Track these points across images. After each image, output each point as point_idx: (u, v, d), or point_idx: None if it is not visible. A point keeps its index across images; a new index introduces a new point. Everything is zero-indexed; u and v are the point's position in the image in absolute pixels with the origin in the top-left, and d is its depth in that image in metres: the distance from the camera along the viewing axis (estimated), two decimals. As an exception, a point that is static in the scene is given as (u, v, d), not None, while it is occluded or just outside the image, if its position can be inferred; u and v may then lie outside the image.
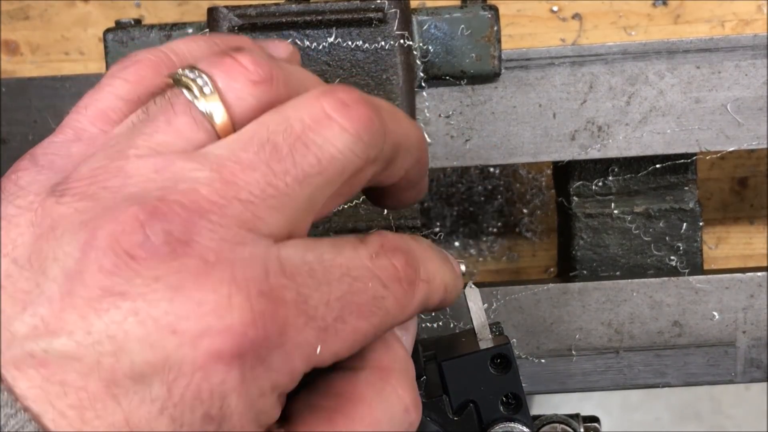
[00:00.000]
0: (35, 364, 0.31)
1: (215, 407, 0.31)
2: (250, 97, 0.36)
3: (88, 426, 0.30)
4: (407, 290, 0.38)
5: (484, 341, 0.46)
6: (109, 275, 0.31)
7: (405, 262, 0.38)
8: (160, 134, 0.36)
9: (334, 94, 0.36)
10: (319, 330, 0.34)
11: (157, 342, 0.31)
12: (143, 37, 0.57)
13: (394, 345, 0.41)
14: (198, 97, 0.36)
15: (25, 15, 0.76)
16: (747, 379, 0.60)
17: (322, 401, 0.38)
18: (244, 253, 0.33)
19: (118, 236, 0.32)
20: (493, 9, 0.57)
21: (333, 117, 0.36)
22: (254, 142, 0.35)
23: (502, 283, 0.61)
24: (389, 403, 0.38)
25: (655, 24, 0.73)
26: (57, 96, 0.62)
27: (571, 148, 0.59)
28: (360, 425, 0.37)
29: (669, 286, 0.60)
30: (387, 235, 0.39)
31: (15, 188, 0.36)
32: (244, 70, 0.37)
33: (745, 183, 0.74)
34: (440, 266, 0.42)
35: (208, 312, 0.31)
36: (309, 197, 0.35)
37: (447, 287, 0.42)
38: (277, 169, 0.34)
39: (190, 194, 0.33)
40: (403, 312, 0.38)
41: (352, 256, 0.36)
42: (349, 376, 0.39)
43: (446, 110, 0.59)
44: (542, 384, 0.60)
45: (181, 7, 0.75)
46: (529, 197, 0.75)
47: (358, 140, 0.36)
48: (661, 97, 0.58)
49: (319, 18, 0.53)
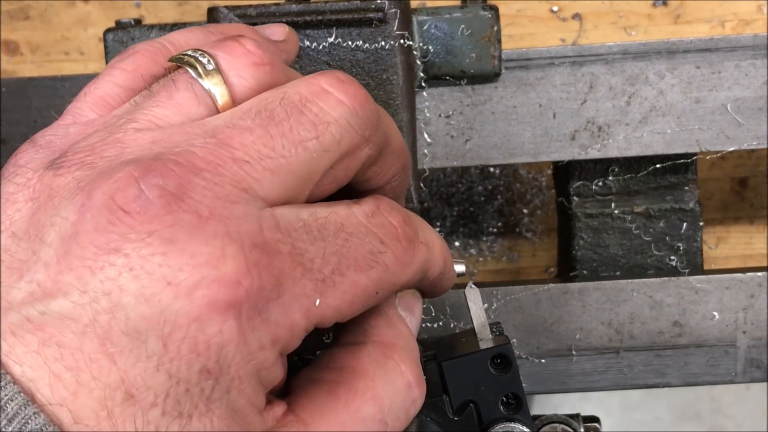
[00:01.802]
0: (32, 328, 0.31)
1: (212, 360, 0.31)
2: (251, 78, 0.37)
3: (84, 387, 0.30)
4: (407, 248, 0.38)
5: (484, 341, 0.46)
6: (104, 232, 0.31)
7: (402, 220, 0.38)
8: (160, 108, 0.36)
9: (331, 73, 0.37)
10: (317, 282, 0.34)
11: (152, 295, 0.31)
12: (143, 37, 0.57)
13: (398, 322, 0.41)
14: (201, 75, 0.37)
15: (25, 15, 0.76)
16: (747, 379, 0.60)
17: (325, 375, 0.38)
18: (237, 210, 0.33)
19: (113, 193, 0.32)
20: (493, 9, 0.57)
21: (330, 91, 0.37)
22: (252, 110, 0.36)
23: (502, 283, 0.61)
24: (392, 377, 0.38)
25: (655, 24, 0.73)
26: (57, 96, 0.62)
27: (571, 148, 0.59)
28: (362, 398, 0.37)
29: (669, 286, 0.60)
30: (382, 198, 0.39)
31: (14, 168, 0.36)
32: (246, 51, 0.38)
33: (745, 183, 0.74)
34: (438, 238, 0.42)
35: (202, 263, 0.31)
36: (306, 163, 0.35)
37: (447, 261, 0.42)
38: (274, 132, 0.35)
39: (184, 154, 0.33)
40: (404, 270, 0.38)
41: (347, 213, 0.37)
42: (352, 350, 0.39)
43: (446, 110, 0.59)
44: (542, 384, 0.60)
45: (181, 7, 0.75)
46: (529, 197, 0.75)
47: (353, 113, 0.37)
48: (661, 97, 0.58)
49: (319, 18, 0.53)
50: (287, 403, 0.36)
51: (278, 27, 0.46)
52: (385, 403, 0.37)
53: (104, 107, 0.39)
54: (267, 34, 0.45)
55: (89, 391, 0.30)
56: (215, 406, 0.32)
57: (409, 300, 0.44)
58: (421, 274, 0.40)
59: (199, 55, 0.37)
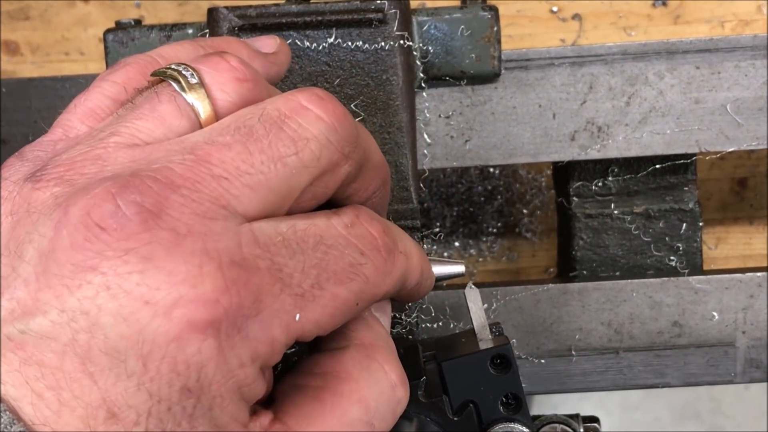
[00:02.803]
0: (13, 347, 0.31)
1: (192, 379, 0.31)
2: (234, 93, 0.37)
3: (66, 407, 0.30)
4: (386, 258, 0.38)
5: (484, 341, 0.46)
6: (81, 250, 0.31)
7: (382, 230, 0.38)
8: (143, 121, 0.36)
9: (310, 90, 0.37)
10: (296, 297, 0.34)
11: (130, 315, 0.30)
12: (143, 38, 0.57)
13: (375, 324, 0.41)
14: (185, 88, 0.37)
15: (25, 15, 0.76)
16: (747, 379, 0.60)
17: (309, 381, 0.38)
18: (216, 227, 0.33)
19: (89, 209, 0.32)
20: (493, 9, 0.57)
21: (309, 107, 0.37)
22: (231, 126, 0.35)
23: (502, 283, 0.61)
24: (376, 379, 0.38)
25: (655, 24, 0.73)
26: (57, 96, 0.62)
27: (571, 148, 0.59)
28: (347, 402, 0.37)
29: (669, 287, 0.60)
30: (361, 208, 0.39)
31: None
32: (230, 66, 0.38)
33: (745, 183, 0.74)
34: (416, 246, 0.42)
35: (180, 282, 0.31)
36: (285, 179, 0.35)
37: (423, 271, 0.42)
38: (253, 149, 0.35)
39: (162, 171, 0.33)
40: (384, 281, 0.38)
41: (326, 225, 0.36)
42: (334, 354, 0.39)
43: (446, 110, 0.59)
44: (542, 384, 0.60)
45: (181, 8, 0.75)
46: (529, 197, 0.75)
47: (332, 130, 0.37)
48: (660, 98, 0.58)
49: (319, 18, 0.53)
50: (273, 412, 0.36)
51: (269, 39, 0.46)
52: (371, 404, 0.37)
53: (94, 119, 0.39)
54: (257, 46, 0.45)
55: (71, 410, 0.30)
56: (198, 424, 0.32)
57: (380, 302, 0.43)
58: (400, 283, 0.40)
59: (182, 68, 0.37)
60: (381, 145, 0.54)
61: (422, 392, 0.45)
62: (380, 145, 0.54)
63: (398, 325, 0.54)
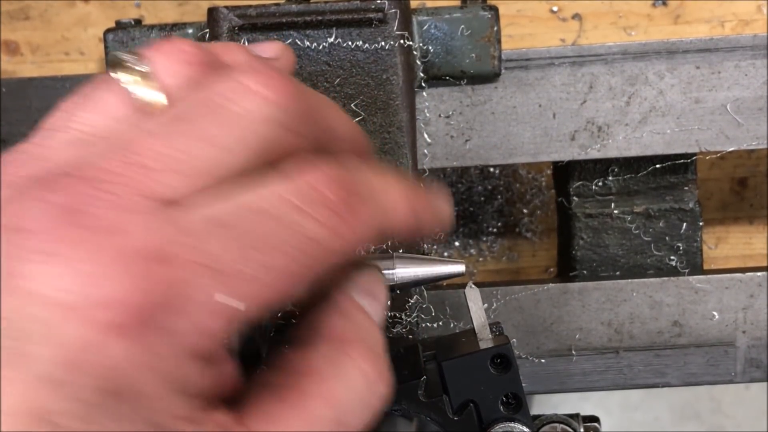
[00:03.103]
0: None
1: (123, 384, 0.30)
2: (182, 77, 0.36)
3: None
4: (343, 214, 0.35)
5: (484, 341, 0.46)
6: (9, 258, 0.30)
7: (337, 186, 0.35)
8: (89, 113, 0.36)
9: (257, 71, 0.36)
10: (229, 280, 0.32)
11: (44, 319, 0.30)
12: (143, 38, 0.57)
13: (353, 313, 0.39)
14: (131, 76, 0.36)
15: (25, 15, 0.76)
16: (747, 378, 0.60)
17: (276, 379, 0.36)
18: (135, 220, 0.31)
19: (14, 212, 0.31)
20: (493, 9, 0.57)
21: (253, 88, 0.35)
22: (166, 113, 0.35)
23: (502, 283, 0.61)
24: (347, 375, 0.36)
25: (655, 24, 0.73)
26: (57, 96, 0.61)
27: (571, 148, 0.59)
28: (315, 402, 0.35)
29: (669, 286, 0.60)
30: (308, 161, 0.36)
31: None
32: (178, 50, 0.37)
33: (745, 183, 0.74)
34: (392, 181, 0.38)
35: (90, 283, 0.30)
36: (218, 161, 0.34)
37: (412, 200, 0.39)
38: (183, 133, 0.34)
39: (85, 168, 0.32)
40: (344, 240, 0.35)
41: (263, 191, 0.34)
42: (304, 350, 0.37)
43: (446, 110, 0.59)
44: (542, 384, 0.60)
45: (181, 8, 0.75)
46: (529, 197, 0.75)
47: (282, 110, 0.35)
48: (660, 98, 0.58)
49: (319, 18, 0.53)
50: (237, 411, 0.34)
51: (271, 44, 0.45)
52: (340, 402, 0.35)
53: None
54: (258, 51, 0.44)
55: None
56: (129, 424, 0.30)
57: (367, 283, 0.41)
58: (375, 231, 0.36)
59: (132, 56, 0.37)
60: (381, 145, 0.54)
61: (422, 392, 0.45)
62: (380, 145, 0.54)
63: (398, 324, 0.54)
